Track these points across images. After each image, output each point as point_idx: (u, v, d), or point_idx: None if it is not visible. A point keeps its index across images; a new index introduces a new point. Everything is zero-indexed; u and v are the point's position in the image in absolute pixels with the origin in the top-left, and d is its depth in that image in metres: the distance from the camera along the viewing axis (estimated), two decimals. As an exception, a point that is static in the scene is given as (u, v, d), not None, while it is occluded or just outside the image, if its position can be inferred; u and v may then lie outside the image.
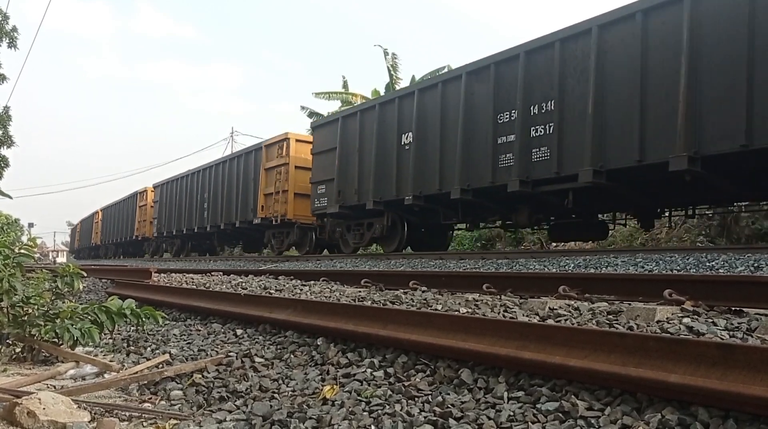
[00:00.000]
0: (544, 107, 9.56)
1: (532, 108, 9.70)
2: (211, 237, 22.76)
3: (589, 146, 8.69)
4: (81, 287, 5.03)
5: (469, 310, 3.60)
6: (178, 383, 3.14)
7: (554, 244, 16.09)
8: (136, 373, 3.30)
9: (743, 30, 7.21)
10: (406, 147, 12.27)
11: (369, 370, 2.79)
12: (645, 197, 9.46)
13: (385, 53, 26.78)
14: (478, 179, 10.59)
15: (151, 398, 3.00)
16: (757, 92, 7.07)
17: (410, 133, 12.20)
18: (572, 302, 3.71)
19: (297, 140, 17.28)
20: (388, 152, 12.71)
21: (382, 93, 26.03)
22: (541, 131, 9.60)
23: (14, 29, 21.99)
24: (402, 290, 5.12)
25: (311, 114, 27.70)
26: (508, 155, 10.04)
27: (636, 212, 10.53)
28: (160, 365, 3.49)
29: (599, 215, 11.42)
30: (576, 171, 8.86)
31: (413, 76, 25.72)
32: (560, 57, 9.28)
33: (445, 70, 22.17)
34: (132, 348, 4.19)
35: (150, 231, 28.54)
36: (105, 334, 4.45)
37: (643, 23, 8.18)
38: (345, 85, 28.43)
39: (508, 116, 10.14)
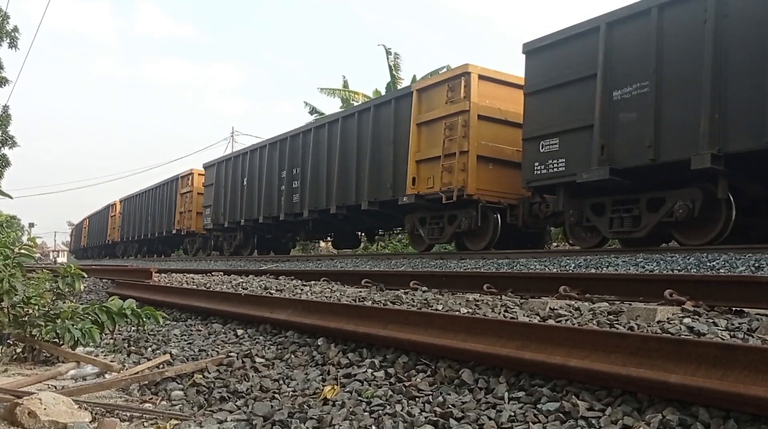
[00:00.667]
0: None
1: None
2: (298, 227, 17.37)
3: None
4: (82, 287, 5.03)
5: (470, 311, 3.60)
6: (178, 383, 3.14)
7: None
8: (137, 373, 3.30)
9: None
10: None
11: (370, 371, 2.79)
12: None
13: (388, 53, 26.80)
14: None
15: (151, 398, 3.00)
16: None
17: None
18: (573, 302, 3.72)
19: (482, 76, 11.25)
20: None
21: (383, 92, 26.05)
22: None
23: (15, 29, 21.95)
24: (402, 290, 5.12)
25: (313, 111, 27.72)
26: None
27: None
28: (161, 365, 3.49)
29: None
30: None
31: (414, 76, 25.72)
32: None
33: (444, 70, 22.13)
34: (133, 348, 4.20)
35: (197, 224, 23.15)
36: (106, 335, 4.45)
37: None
38: (345, 84, 28.44)
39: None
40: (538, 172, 9.58)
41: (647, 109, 8.13)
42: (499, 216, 11.14)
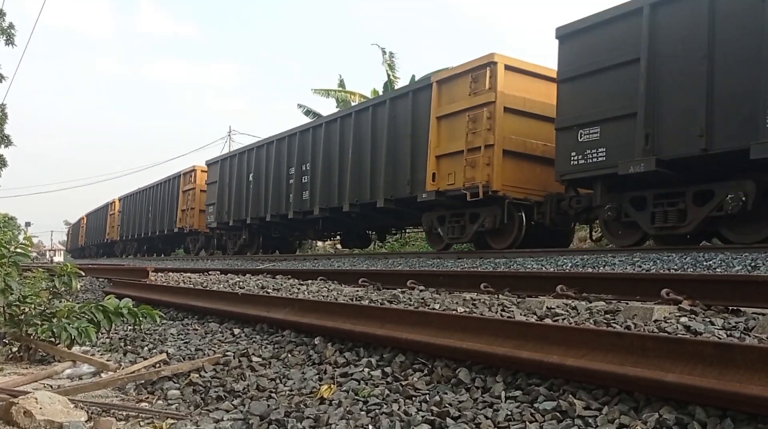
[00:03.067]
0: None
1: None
2: (307, 225, 16.85)
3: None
4: (78, 286, 5.02)
5: (467, 310, 3.60)
6: (175, 383, 3.13)
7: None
8: (133, 372, 3.29)
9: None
10: None
11: (366, 370, 2.78)
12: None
13: (383, 52, 26.78)
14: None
15: (148, 398, 2.99)
16: None
17: None
18: (570, 301, 3.72)
19: (508, 66, 10.66)
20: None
21: (380, 92, 26.04)
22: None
23: (11, 26, 21.82)
24: (400, 289, 5.12)
25: (308, 112, 27.67)
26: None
27: None
28: (157, 364, 3.48)
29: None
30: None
31: (413, 76, 25.71)
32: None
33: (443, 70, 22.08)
34: (129, 347, 4.19)
35: (200, 222, 22.54)
36: (102, 334, 4.45)
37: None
38: (341, 84, 28.41)
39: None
40: (575, 162, 8.88)
41: (698, 95, 7.54)
42: (523, 214, 10.50)
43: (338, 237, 18.44)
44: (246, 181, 18.45)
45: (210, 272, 8.18)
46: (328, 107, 27.45)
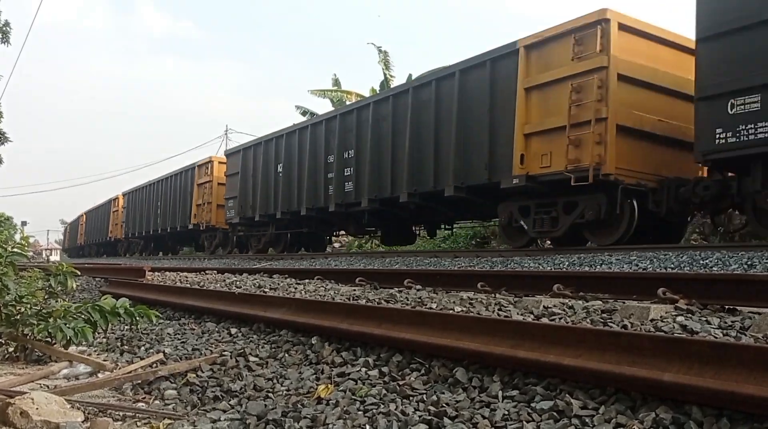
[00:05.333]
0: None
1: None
2: (348, 220, 14.99)
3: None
4: (74, 286, 5.01)
5: (464, 309, 3.60)
6: (172, 382, 3.13)
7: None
8: (130, 372, 3.29)
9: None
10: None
11: (364, 369, 2.78)
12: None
13: (378, 51, 26.77)
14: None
15: (145, 398, 2.99)
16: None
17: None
18: (567, 301, 3.72)
19: (622, 26, 8.88)
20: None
21: (378, 91, 26.00)
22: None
23: (7, 24, 21.70)
24: (397, 289, 5.12)
25: (305, 112, 27.64)
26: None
27: None
28: (154, 364, 3.48)
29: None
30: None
31: (410, 74, 25.69)
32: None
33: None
34: (126, 347, 4.18)
35: (217, 218, 20.66)
36: (99, 333, 4.44)
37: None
38: (336, 83, 28.38)
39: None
40: (722, 140, 7.30)
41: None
42: (635, 202, 8.83)
43: (378, 233, 16.37)
44: (274, 171, 16.51)
45: (207, 271, 8.17)
46: (325, 108, 27.33)
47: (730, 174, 7.87)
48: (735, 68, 7.26)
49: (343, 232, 18.04)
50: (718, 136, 7.37)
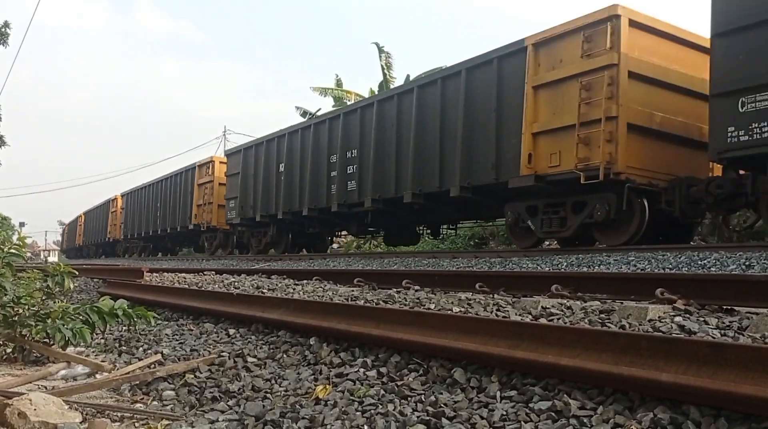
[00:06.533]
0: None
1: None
2: (350, 220, 14.88)
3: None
4: (72, 286, 5.00)
5: (462, 309, 3.60)
6: (170, 383, 3.13)
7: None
8: (128, 373, 3.28)
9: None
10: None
11: (362, 370, 2.78)
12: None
13: (380, 51, 26.77)
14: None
15: (143, 398, 2.99)
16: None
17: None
18: (565, 301, 3.72)
19: (633, 22, 8.83)
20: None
21: (376, 92, 25.99)
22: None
23: (6, 25, 21.64)
24: (395, 289, 5.12)
25: (305, 113, 27.64)
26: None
27: None
28: (152, 365, 3.47)
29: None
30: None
31: (408, 76, 25.69)
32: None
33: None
34: (124, 348, 4.18)
35: (218, 218, 20.49)
36: (97, 334, 4.43)
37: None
38: (338, 83, 28.39)
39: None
40: (734, 138, 7.25)
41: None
42: (646, 202, 8.79)
43: (381, 233, 16.37)
44: (276, 171, 16.39)
45: (205, 272, 8.16)
46: (325, 107, 27.33)
47: (742, 172, 7.74)
48: (746, 65, 7.15)
49: (345, 232, 18.00)
50: (730, 134, 7.30)
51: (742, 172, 7.73)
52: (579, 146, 8.81)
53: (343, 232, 18.19)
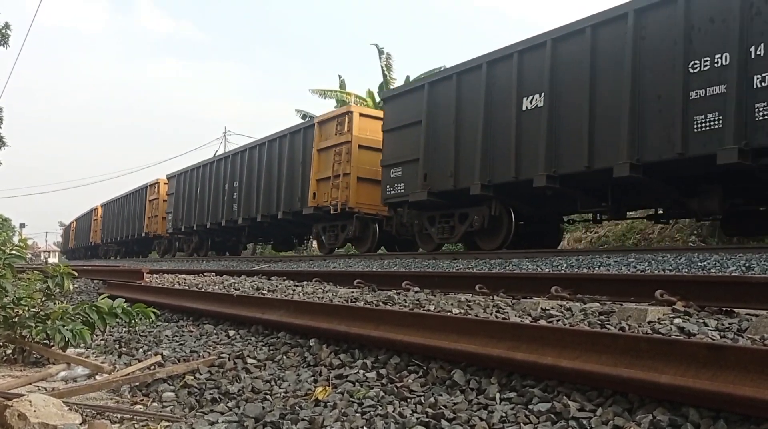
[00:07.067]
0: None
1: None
2: (239, 232, 20.46)
3: None
4: (72, 287, 4.99)
5: (462, 311, 3.60)
6: (170, 385, 3.12)
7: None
8: (128, 374, 3.28)
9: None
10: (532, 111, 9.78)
11: (361, 371, 2.78)
12: None
13: (380, 52, 26.77)
14: (655, 151, 8.03)
15: (142, 400, 2.99)
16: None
17: (538, 95, 9.64)
18: (564, 303, 3.72)
19: (361, 114, 14.96)
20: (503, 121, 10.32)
21: (375, 93, 26.00)
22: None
23: (6, 26, 21.66)
24: (395, 291, 5.12)
25: (305, 116, 27.63)
26: (711, 115, 7.55)
27: None
28: (152, 366, 3.47)
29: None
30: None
31: (407, 77, 25.71)
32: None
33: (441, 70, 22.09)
34: (124, 349, 4.17)
35: (162, 228, 25.96)
36: (97, 335, 4.43)
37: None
38: (342, 85, 28.38)
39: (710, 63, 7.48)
40: (391, 191, 12.82)
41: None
42: (377, 225, 14.35)
43: (260, 241, 23.08)
44: (195, 193, 22.34)
45: (205, 274, 8.16)
46: (325, 109, 27.34)
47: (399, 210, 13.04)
48: (393, 151, 12.62)
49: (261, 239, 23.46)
50: (387, 189, 12.71)
51: (399, 209, 12.82)
52: (332, 190, 14.47)
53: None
